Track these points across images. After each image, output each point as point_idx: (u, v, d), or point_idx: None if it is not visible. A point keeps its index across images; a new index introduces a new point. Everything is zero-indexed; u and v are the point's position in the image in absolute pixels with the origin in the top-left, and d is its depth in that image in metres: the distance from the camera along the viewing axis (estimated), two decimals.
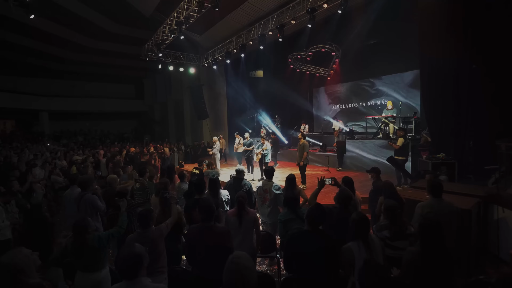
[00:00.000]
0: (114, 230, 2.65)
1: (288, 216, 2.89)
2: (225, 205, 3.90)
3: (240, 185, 4.01)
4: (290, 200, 3.15)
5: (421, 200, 4.03)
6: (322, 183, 3.05)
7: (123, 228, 2.67)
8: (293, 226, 2.86)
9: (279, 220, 2.95)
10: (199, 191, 3.31)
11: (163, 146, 13.06)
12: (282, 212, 3.02)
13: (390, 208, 2.63)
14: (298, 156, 6.87)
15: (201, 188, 3.35)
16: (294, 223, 2.84)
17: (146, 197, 3.47)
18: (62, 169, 8.24)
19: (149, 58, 12.88)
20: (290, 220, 2.87)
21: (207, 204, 2.34)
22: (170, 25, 10.12)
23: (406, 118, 8.81)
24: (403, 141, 6.53)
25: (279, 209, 3.88)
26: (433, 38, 7.13)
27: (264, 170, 3.98)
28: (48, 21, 12.89)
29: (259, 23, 10.29)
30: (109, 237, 2.54)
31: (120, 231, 2.66)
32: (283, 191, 3.83)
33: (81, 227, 2.37)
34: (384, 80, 10.95)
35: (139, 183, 3.78)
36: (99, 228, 3.40)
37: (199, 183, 3.42)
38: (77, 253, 2.35)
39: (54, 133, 20.12)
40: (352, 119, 12.02)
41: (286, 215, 2.92)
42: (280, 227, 2.95)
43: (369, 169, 4.41)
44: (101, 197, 3.52)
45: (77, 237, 2.37)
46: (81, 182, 3.39)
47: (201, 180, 3.45)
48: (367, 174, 8.49)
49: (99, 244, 2.39)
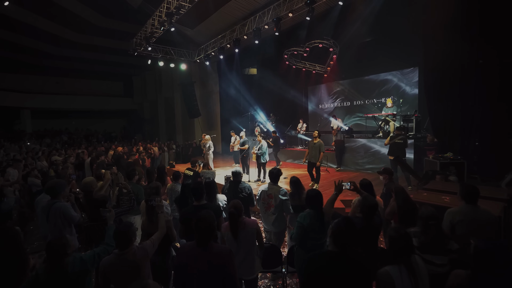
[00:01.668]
0: (100, 249, 2.14)
1: (310, 219, 2.45)
2: (224, 212, 3.42)
3: (239, 188, 3.54)
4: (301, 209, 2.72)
5: (440, 204, 3.67)
6: (339, 188, 2.61)
7: (112, 246, 2.16)
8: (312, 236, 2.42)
9: (298, 223, 2.50)
10: (197, 197, 2.80)
11: (152, 146, 12.41)
12: (302, 214, 2.57)
13: (427, 218, 2.20)
14: (311, 155, 6.41)
15: (199, 194, 2.80)
16: (318, 230, 2.42)
17: (130, 204, 2.93)
18: (41, 171, 7.57)
19: (138, 52, 12.20)
20: (314, 226, 2.43)
21: (207, 223, 1.82)
22: (160, 17, 9.52)
23: (407, 116, 8.52)
24: (389, 140, 6.12)
25: (285, 217, 3.42)
26: (438, 29, 6.80)
27: (269, 173, 3.49)
28: (30, 12, 12.08)
29: (254, 16, 9.80)
30: (95, 259, 2.02)
31: (108, 249, 2.15)
32: (290, 196, 3.37)
33: (57, 248, 1.81)
34: (383, 77, 10.64)
35: (123, 186, 3.23)
36: (74, 244, 2.85)
37: (197, 187, 2.88)
38: (52, 284, 1.78)
39: (37, 132, 19.09)
40: (350, 117, 11.69)
41: (306, 218, 2.48)
42: (297, 232, 2.49)
43: (381, 170, 4.00)
44: (75, 204, 2.98)
45: (52, 262, 1.80)
46: (49, 188, 2.82)
47: (199, 184, 2.92)
48: (366, 175, 8.31)
49: (81, 267, 1.88)
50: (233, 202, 2.54)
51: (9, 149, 11.04)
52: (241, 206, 2.51)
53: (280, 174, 3.47)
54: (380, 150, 8.09)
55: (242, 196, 3.39)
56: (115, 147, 10.36)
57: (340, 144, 9.14)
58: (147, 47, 11.02)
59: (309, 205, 2.60)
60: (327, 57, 11.49)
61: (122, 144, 14.16)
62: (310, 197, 2.58)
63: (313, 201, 2.57)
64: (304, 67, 12.47)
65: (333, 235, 1.64)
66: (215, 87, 15.71)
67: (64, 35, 14.27)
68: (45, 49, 15.72)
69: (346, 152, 9.01)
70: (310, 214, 2.53)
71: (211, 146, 8.99)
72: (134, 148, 11.32)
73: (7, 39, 14.08)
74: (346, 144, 9.02)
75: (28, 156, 9.76)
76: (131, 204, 2.94)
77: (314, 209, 2.53)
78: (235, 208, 2.45)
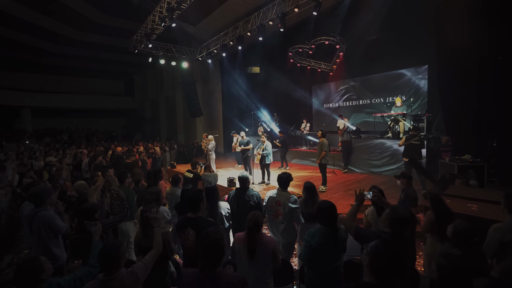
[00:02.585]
0: (83, 271, 1.83)
1: (319, 237, 2.11)
2: (225, 220, 3.10)
3: (246, 196, 3.12)
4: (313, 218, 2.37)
5: (467, 213, 3.33)
6: (361, 198, 2.27)
7: (96, 268, 1.84)
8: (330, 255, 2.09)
9: (306, 242, 2.16)
10: (193, 208, 2.42)
11: (154, 145, 12.11)
12: (310, 230, 2.21)
13: (463, 233, 1.88)
14: (317, 155, 6.22)
15: (195, 205, 2.41)
16: (330, 250, 2.08)
17: (122, 213, 2.61)
18: (37, 172, 7.29)
19: (138, 50, 11.91)
20: (325, 246, 2.08)
21: (213, 241, 1.49)
22: (161, 13, 9.21)
23: (418, 116, 8.14)
24: (404, 140, 5.76)
25: (295, 226, 3.09)
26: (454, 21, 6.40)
27: (278, 178, 3.15)
28: (29, 9, 11.81)
29: (258, 12, 9.47)
30: (75, 285, 1.72)
31: (92, 271, 1.84)
32: (302, 204, 3.04)
33: (29, 274, 1.50)
34: (392, 75, 10.25)
35: (114, 192, 2.90)
36: (59, 258, 2.54)
37: (194, 197, 2.44)
38: None
39: (37, 131, 18.87)
40: (358, 117, 11.30)
41: (315, 236, 2.13)
42: (305, 252, 2.16)
43: (398, 174, 3.65)
44: (63, 213, 2.66)
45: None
46: (32, 194, 2.50)
47: (197, 194, 2.49)
48: (376, 177, 7.98)
49: None
50: (253, 214, 2.19)
51: (7, 148, 10.78)
52: (261, 221, 2.19)
53: (290, 180, 3.13)
54: (399, 150, 7.59)
55: (250, 205, 3.05)
56: (114, 147, 10.05)
57: (347, 145, 8.81)
58: (148, 44, 10.72)
59: (319, 220, 2.25)
60: (333, 55, 11.13)
61: (122, 143, 13.88)
62: (321, 210, 2.21)
63: (324, 215, 2.17)
64: (309, 65, 12.11)
65: (371, 263, 1.31)
66: (217, 86, 15.40)
67: (64, 32, 13.99)
68: (46, 47, 15.47)
69: (356, 152, 8.65)
70: (320, 231, 2.17)
71: (213, 146, 8.66)
72: (134, 148, 11.03)
73: (7, 37, 13.84)
74: (358, 144, 8.63)
75: (24, 156, 9.51)
76: (123, 213, 2.62)
77: (325, 225, 2.18)
78: (255, 223, 2.11)
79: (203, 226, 2.30)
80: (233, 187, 6.92)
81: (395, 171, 7.65)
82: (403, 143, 5.53)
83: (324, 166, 6.04)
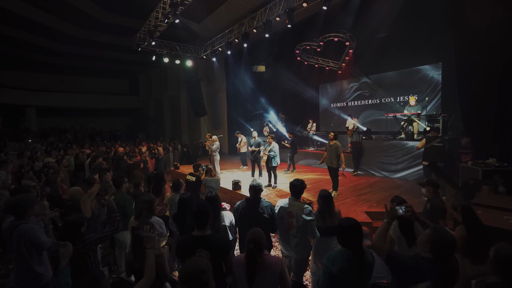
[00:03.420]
0: None
1: (341, 263, 1.75)
2: (229, 233, 2.76)
3: (260, 209, 2.67)
4: None
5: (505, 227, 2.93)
6: (392, 214, 1.92)
7: None
8: None
9: (325, 268, 1.81)
10: (201, 226, 2.00)
11: (157, 146, 11.87)
12: (330, 254, 1.86)
13: (508, 260, 1.53)
14: (329, 158, 5.75)
15: (202, 222, 2.00)
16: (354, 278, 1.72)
17: (113, 227, 2.28)
18: (37, 172, 7.07)
19: (142, 48, 11.65)
20: (348, 273, 1.73)
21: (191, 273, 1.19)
22: (164, 9, 8.93)
23: (433, 116, 7.68)
24: (424, 142, 5.34)
25: (309, 240, 2.74)
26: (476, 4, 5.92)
27: (290, 186, 2.80)
28: (33, 7, 11.65)
29: (265, 8, 9.12)
30: None
31: None
32: (317, 215, 2.69)
33: None
34: (404, 74, 9.78)
35: (105, 202, 2.55)
36: (42, 277, 2.23)
37: (201, 212, 2.01)
38: None
39: (42, 130, 18.83)
40: (367, 117, 10.85)
41: (336, 261, 1.78)
42: (324, 281, 1.81)
43: (423, 181, 3.28)
44: (49, 226, 2.35)
45: None
46: (11, 206, 2.19)
47: (204, 208, 2.05)
48: (389, 181, 7.56)
49: None
50: (254, 233, 1.84)
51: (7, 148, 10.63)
52: (264, 241, 1.84)
53: (304, 187, 2.78)
54: (416, 153, 7.04)
55: (264, 219, 2.64)
56: (117, 146, 9.81)
57: (358, 146, 8.41)
58: (151, 41, 10.44)
59: (342, 242, 1.87)
60: (343, 52, 10.71)
61: (125, 143, 13.67)
62: (344, 230, 1.83)
63: (348, 237, 1.82)
64: (317, 63, 11.72)
65: None
66: (222, 85, 15.10)
67: (68, 31, 13.83)
68: (50, 46, 15.34)
69: (367, 154, 8.25)
70: (343, 255, 1.80)
71: (218, 147, 8.34)
72: (137, 149, 10.78)
73: (10, 35, 13.72)
74: (370, 145, 8.21)
75: (25, 156, 9.31)
76: (114, 226, 2.28)
77: (348, 248, 1.82)
78: (256, 243, 1.77)
79: (219, 245, 1.97)
80: (238, 191, 6.58)
81: (411, 175, 7.23)
82: (422, 145, 5.12)
83: (336, 170, 5.66)
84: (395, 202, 2.17)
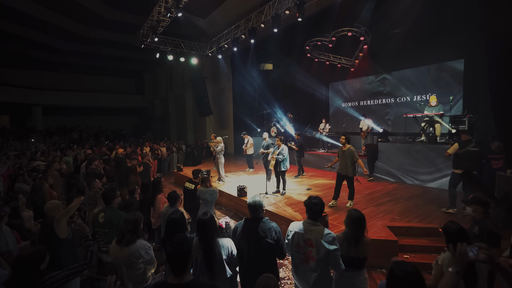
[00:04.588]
0: None
1: None
2: (227, 267, 2.18)
3: (261, 231, 2.15)
4: None
5: None
6: (462, 260, 1.37)
7: None
8: None
9: None
10: (178, 271, 1.49)
11: (160, 146, 11.44)
12: None
13: None
14: (342, 167, 5.13)
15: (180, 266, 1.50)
16: None
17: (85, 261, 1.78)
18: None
19: (145, 45, 11.24)
20: None
21: None
22: (167, 2, 8.46)
23: (457, 117, 6.97)
24: (457, 147, 4.63)
25: (331, 273, 2.19)
26: None
27: (306, 205, 2.23)
28: (36, 4, 11.37)
29: (274, 1, 8.55)
30: None
31: None
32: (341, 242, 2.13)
33: None
34: (424, 71, 9.05)
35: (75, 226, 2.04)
36: None
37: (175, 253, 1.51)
38: None
39: (48, 129, 18.71)
40: (382, 117, 10.15)
41: None
42: None
43: (469, 199, 2.69)
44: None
45: None
46: None
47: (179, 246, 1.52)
48: (409, 188, 6.90)
49: None
50: (267, 282, 1.34)
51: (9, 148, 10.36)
52: None
53: (323, 209, 2.22)
54: (442, 158, 6.29)
55: (267, 244, 2.14)
56: (117, 147, 9.40)
57: (373, 149, 7.80)
58: (154, 37, 10.00)
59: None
60: (356, 48, 10.04)
61: (129, 143, 13.31)
62: (399, 281, 1.28)
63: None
64: (328, 60, 11.09)
65: None
66: (228, 83, 14.60)
67: (73, 29, 13.55)
68: (55, 45, 15.13)
69: (383, 157, 7.62)
70: None
71: (222, 149, 7.84)
72: (138, 149, 10.38)
73: (17, 34, 13.52)
74: (390, 148, 7.55)
75: (25, 156, 9.00)
76: (86, 260, 1.79)
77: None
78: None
79: None
80: (243, 197, 6.06)
81: (436, 183, 6.57)
82: (455, 151, 4.49)
83: (351, 178, 5.06)
84: (464, 241, 1.56)
